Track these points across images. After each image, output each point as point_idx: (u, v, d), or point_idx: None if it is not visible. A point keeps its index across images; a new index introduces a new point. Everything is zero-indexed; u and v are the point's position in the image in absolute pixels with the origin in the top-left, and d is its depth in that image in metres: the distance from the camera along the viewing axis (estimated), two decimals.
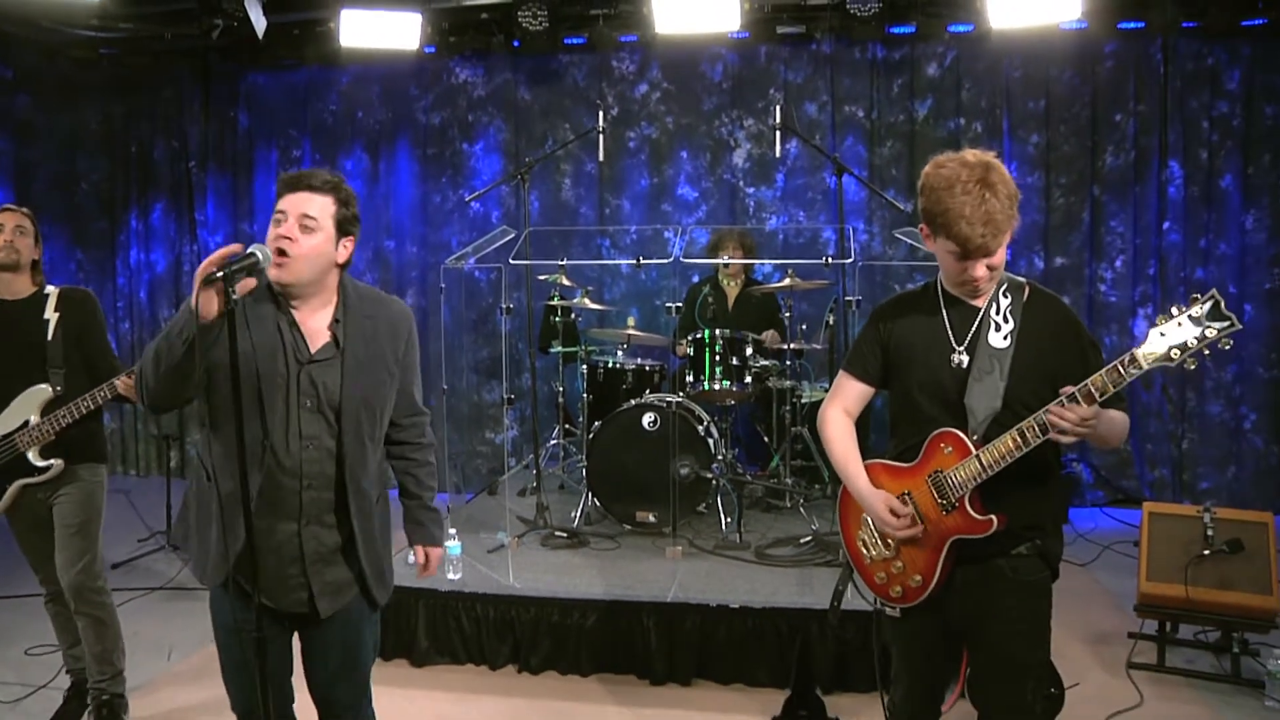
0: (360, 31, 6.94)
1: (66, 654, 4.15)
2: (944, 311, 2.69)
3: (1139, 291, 7.21)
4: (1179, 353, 2.35)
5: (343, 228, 2.65)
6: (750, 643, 4.41)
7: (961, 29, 7.10)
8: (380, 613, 2.91)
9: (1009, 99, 7.23)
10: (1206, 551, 4.39)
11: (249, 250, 2.45)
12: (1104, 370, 2.40)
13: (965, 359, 2.62)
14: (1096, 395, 2.40)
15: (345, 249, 2.68)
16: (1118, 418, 2.57)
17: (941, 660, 2.87)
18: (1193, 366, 2.36)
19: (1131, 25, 7.00)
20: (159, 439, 8.05)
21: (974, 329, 2.64)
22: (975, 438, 2.57)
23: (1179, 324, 2.35)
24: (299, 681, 2.85)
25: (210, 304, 2.35)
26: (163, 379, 2.47)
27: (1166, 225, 7.13)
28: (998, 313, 2.63)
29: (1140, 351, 2.37)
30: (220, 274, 2.32)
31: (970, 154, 2.51)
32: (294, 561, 2.65)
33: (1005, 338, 2.60)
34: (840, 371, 2.91)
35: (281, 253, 2.54)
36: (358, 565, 2.70)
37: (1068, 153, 7.22)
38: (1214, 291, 2.35)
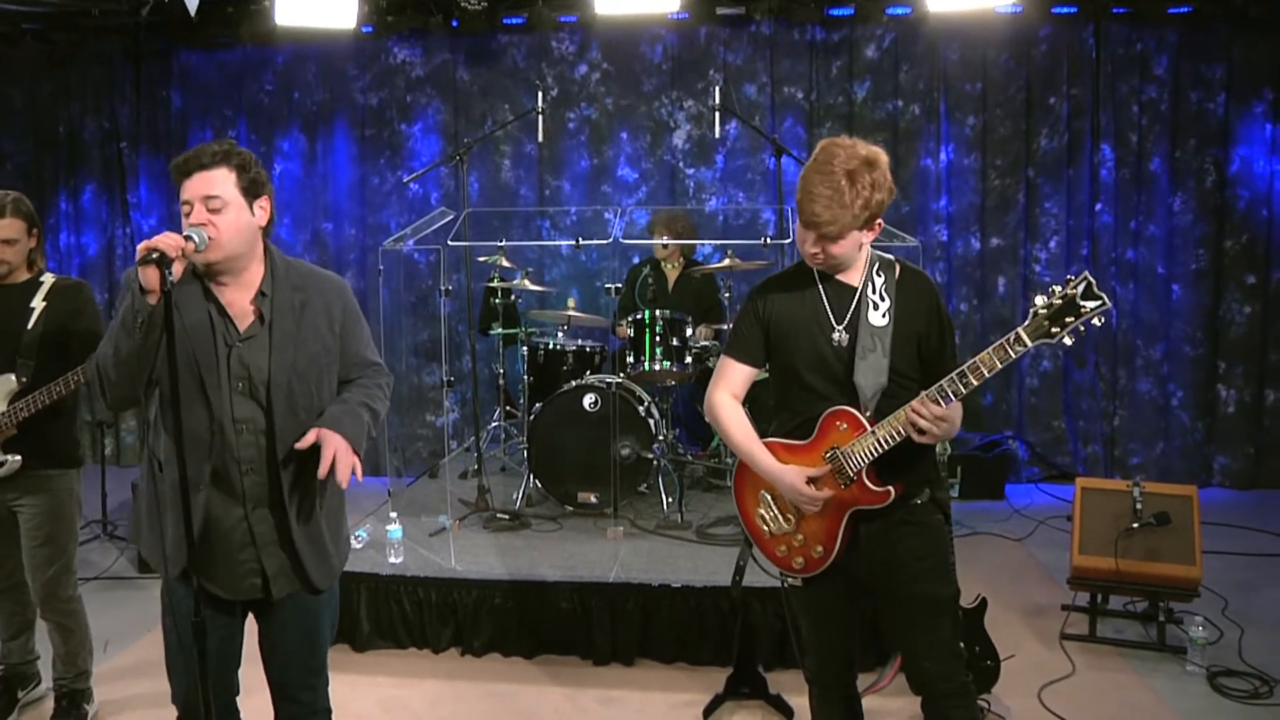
0: (296, 10, 6.76)
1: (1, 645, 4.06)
2: (820, 289, 2.75)
3: (1073, 271, 7.18)
4: (1058, 330, 2.46)
5: (251, 191, 2.58)
6: (692, 622, 4.44)
7: (900, 11, 7.15)
8: (338, 594, 2.87)
9: (946, 81, 7.30)
10: (1135, 525, 4.49)
11: (186, 234, 2.42)
12: (991, 349, 2.49)
13: (846, 337, 2.69)
14: (985, 372, 2.49)
15: (262, 210, 2.62)
16: (957, 414, 2.63)
17: (849, 622, 2.93)
18: (1070, 343, 2.47)
19: (1065, 10, 7.10)
20: (93, 425, 7.86)
21: (853, 307, 2.71)
22: (868, 414, 2.65)
23: (1056, 302, 2.46)
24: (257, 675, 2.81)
25: (151, 282, 2.32)
26: (124, 366, 2.43)
27: (1099, 207, 7.26)
28: (874, 291, 2.71)
29: (1024, 330, 2.47)
30: (156, 256, 2.29)
31: (863, 146, 2.57)
32: (245, 547, 2.62)
33: (884, 315, 2.68)
34: (723, 356, 2.95)
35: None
36: (292, 548, 2.65)
37: (1003, 135, 7.30)
38: (1085, 273, 2.47)
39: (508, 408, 6.85)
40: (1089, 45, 7.17)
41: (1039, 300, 2.47)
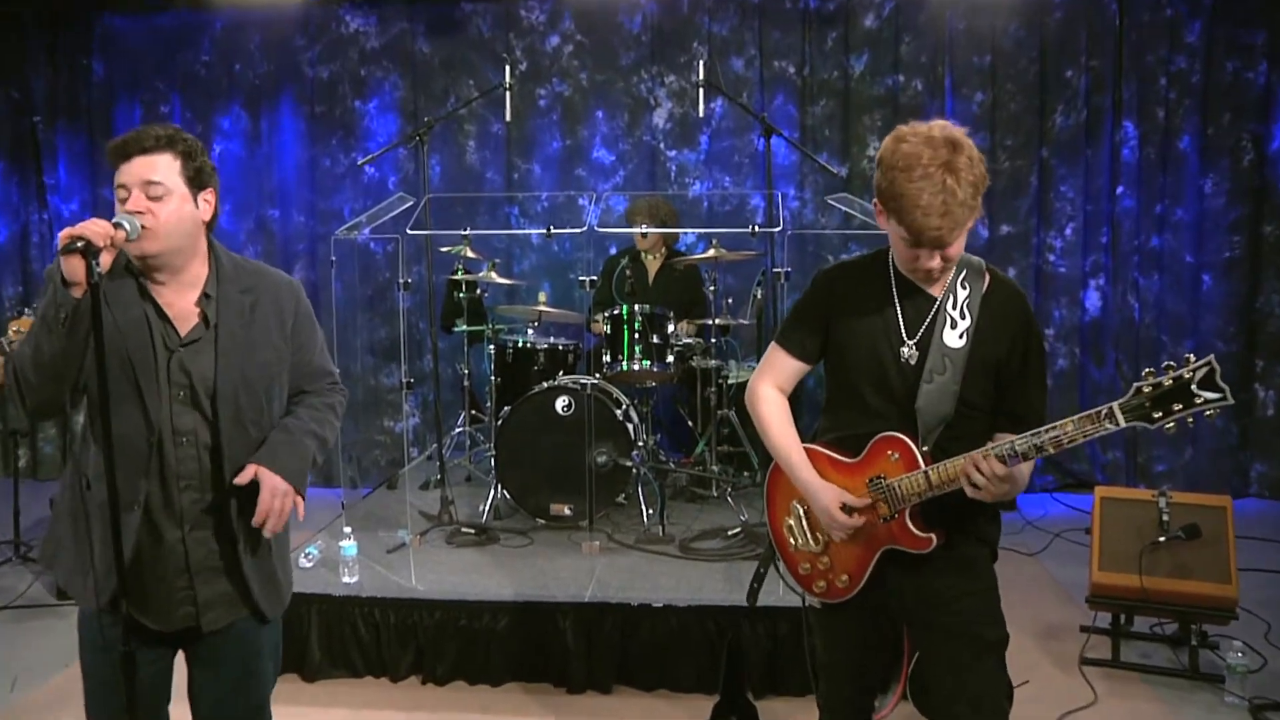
0: None
1: None
2: (896, 296, 2.65)
3: (1090, 261, 7.36)
4: (1160, 416, 2.30)
5: (196, 181, 2.56)
6: (675, 644, 4.44)
7: None
8: (282, 624, 2.85)
9: (952, 54, 7.31)
10: (1162, 538, 4.43)
11: (115, 220, 2.38)
12: (1076, 418, 2.37)
13: (915, 355, 2.60)
14: (1065, 443, 2.39)
15: (207, 203, 2.60)
16: (1025, 476, 2.54)
17: (870, 652, 2.90)
18: (1173, 432, 2.33)
19: None
20: (4, 435, 7.78)
21: (927, 322, 2.61)
22: (925, 449, 2.58)
23: (1166, 384, 2.30)
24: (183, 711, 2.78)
25: (76, 273, 2.28)
26: (46, 369, 2.38)
27: (1120, 190, 7.27)
28: (954, 306, 2.60)
29: (1119, 406, 2.34)
30: (81, 244, 2.26)
31: (937, 128, 2.43)
32: (180, 573, 2.58)
33: (961, 336, 2.58)
34: (773, 344, 2.87)
35: (142, 227, 2.46)
36: (239, 574, 2.62)
37: (1014, 112, 7.31)
38: (1211, 358, 2.30)
39: (473, 412, 6.84)
40: (1111, 11, 7.16)
41: (1146, 377, 2.32)
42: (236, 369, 2.59)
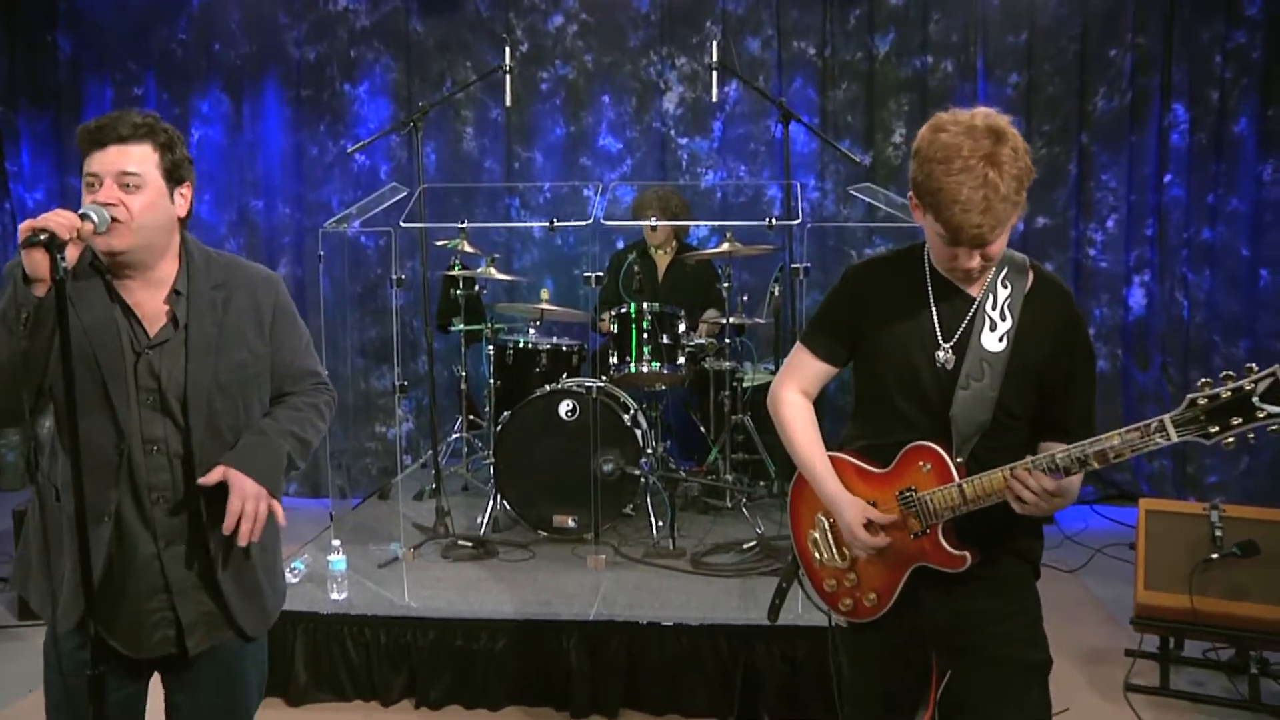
0: None
1: None
2: (931, 295, 2.64)
3: (1134, 256, 7.34)
4: (1218, 431, 2.25)
5: (173, 175, 2.55)
6: (686, 666, 4.44)
7: None
8: (266, 642, 2.84)
9: (985, 32, 7.29)
10: (1215, 555, 4.35)
11: (81, 211, 2.36)
12: (1123, 431, 2.35)
13: (951, 359, 2.58)
14: (1112, 457, 2.36)
15: (183, 198, 2.59)
16: (1075, 488, 2.53)
17: (900, 675, 2.88)
18: (1231, 448, 2.27)
19: None
20: None
21: (965, 324, 2.60)
22: (959, 460, 2.56)
23: (1224, 395, 2.24)
24: None
25: (38, 268, 2.25)
26: (6, 371, 2.34)
27: (1168, 178, 7.24)
28: (994, 307, 2.58)
29: (1172, 420, 2.29)
30: (44, 237, 2.23)
31: (979, 116, 2.40)
32: (156, 592, 2.57)
33: (1001, 339, 2.56)
34: (798, 345, 2.86)
35: (112, 220, 2.44)
36: (217, 589, 2.61)
37: (1052, 95, 7.29)
38: (1276, 369, 2.21)
39: (471, 417, 6.86)
40: None
41: (1201, 388, 2.26)
42: (209, 371, 2.58)
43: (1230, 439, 2.25)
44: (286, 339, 2.78)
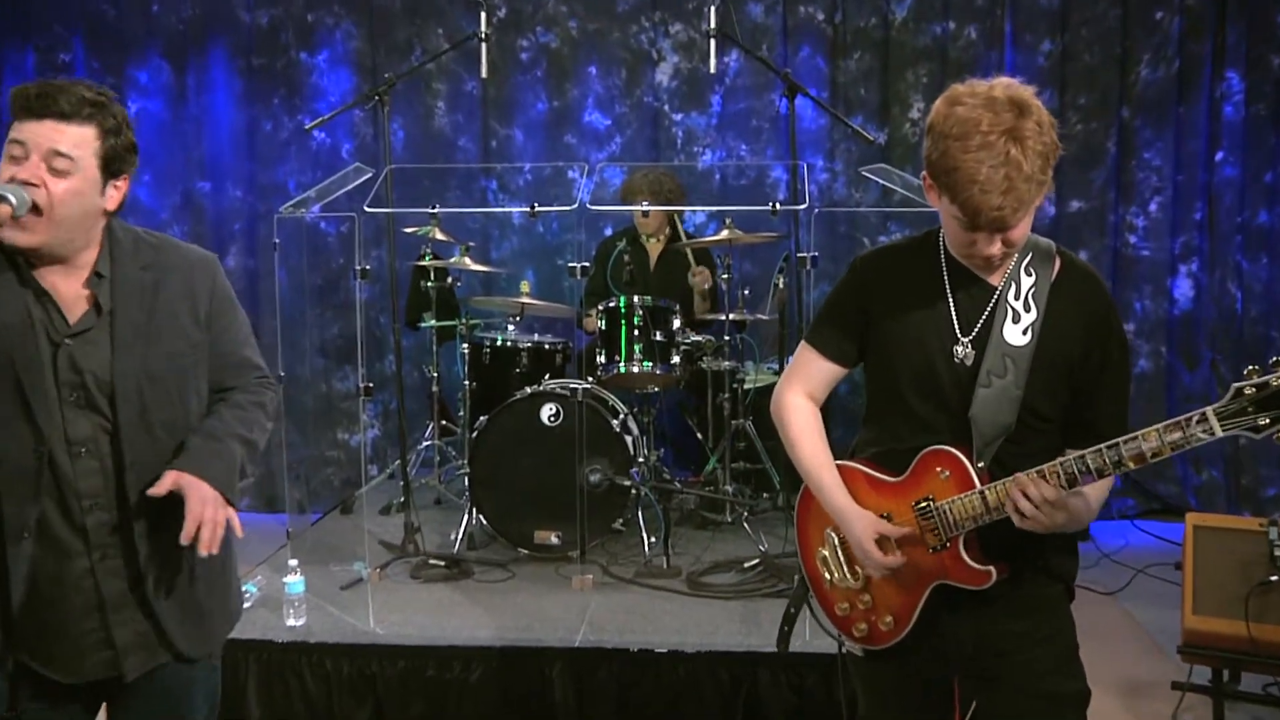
0: None
1: None
2: (948, 285, 2.64)
3: (1180, 243, 7.34)
4: (1268, 424, 2.20)
5: (111, 166, 2.51)
6: (683, 696, 4.45)
7: None
8: (219, 669, 2.84)
9: None
10: (1274, 577, 4.28)
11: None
12: (1160, 427, 2.30)
13: (971, 354, 2.58)
14: (1148, 455, 2.32)
15: (116, 192, 2.56)
16: (1093, 501, 2.55)
17: (920, 707, 2.87)
18: None
19: None
20: None
21: (985, 316, 2.60)
22: (981, 465, 2.56)
23: (1275, 383, 2.20)
24: None
25: None
26: None
27: (1220, 156, 7.24)
28: (1017, 297, 2.58)
29: (1215, 411, 2.24)
30: None
31: (999, 87, 2.38)
32: (90, 612, 2.54)
33: (1025, 331, 2.55)
34: (803, 344, 2.87)
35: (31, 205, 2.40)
36: (149, 606, 2.59)
37: (1089, 64, 7.27)
38: None
39: (443, 422, 6.86)
40: None
41: (1249, 375, 2.22)
42: (138, 362, 2.55)
43: None
44: (226, 327, 2.77)
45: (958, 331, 2.61)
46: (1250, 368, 2.24)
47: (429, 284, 6.42)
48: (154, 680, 2.66)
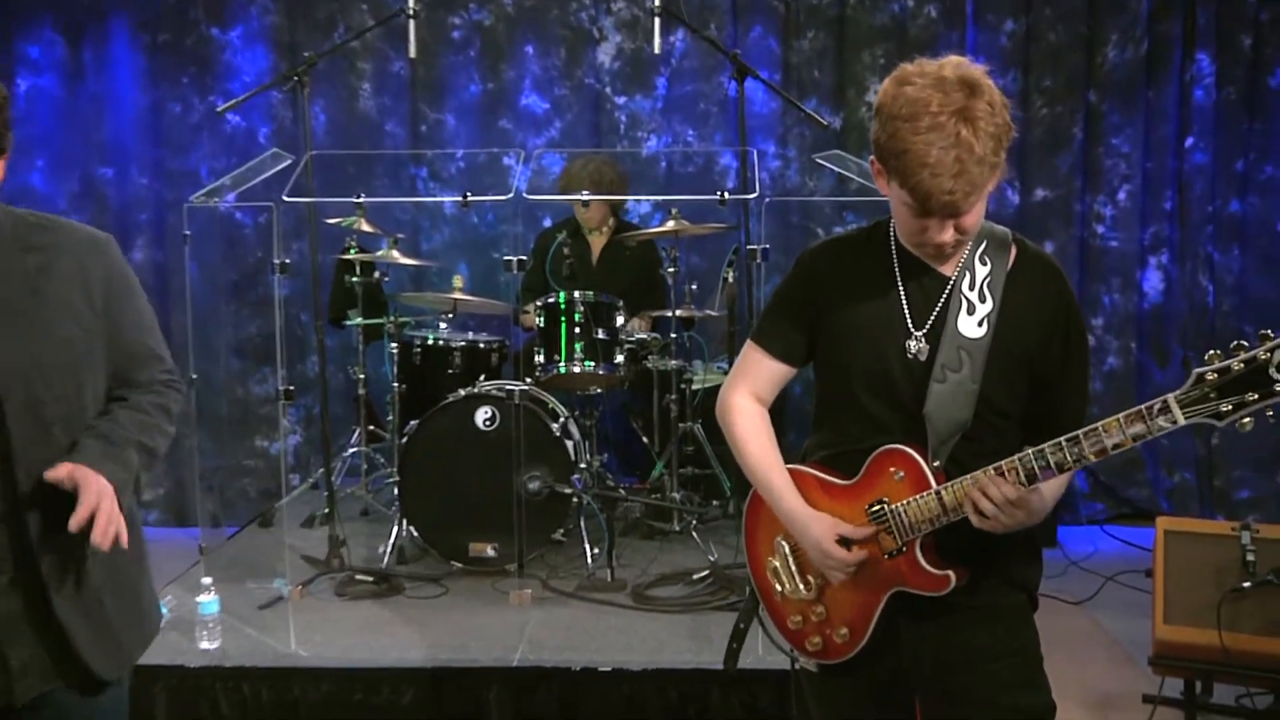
0: None
1: None
2: (899, 277, 2.65)
3: (1150, 233, 7.42)
4: (1230, 410, 2.24)
5: None
6: (629, 717, 4.46)
7: None
8: (126, 696, 2.77)
9: None
10: (1247, 584, 4.31)
11: None
12: (1123, 417, 2.32)
13: (925, 348, 2.59)
14: (1108, 446, 2.34)
15: None
16: (1049, 497, 2.56)
17: None
18: (1248, 429, 2.25)
19: None
20: None
21: (939, 308, 2.61)
22: (937, 464, 2.57)
23: (1235, 368, 2.22)
24: None
25: None
26: None
27: (1190, 142, 7.32)
28: (971, 287, 2.60)
29: (1176, 399, 2.27)
30: None
31: (949, 66, 2.39)
32: None
33: (981, 323, 2.57)
34: (749, 343, 2.87)
35: None
36: (54, 623, 2.51)
37: (1054, 44, 7.32)
38: None
39: (370, 428, 6.83)
40: None
41: (1210, 360, 2.25)
42: (25, 352, 2.47)
43: (1246, 419, 2.24)
44: (125, 313, 2.70)
45: (910, 325, 2.62)
46: (1211, 352, 2.25)
47: (354, 279, 6.38)
48: (46, 708, 2.59)
